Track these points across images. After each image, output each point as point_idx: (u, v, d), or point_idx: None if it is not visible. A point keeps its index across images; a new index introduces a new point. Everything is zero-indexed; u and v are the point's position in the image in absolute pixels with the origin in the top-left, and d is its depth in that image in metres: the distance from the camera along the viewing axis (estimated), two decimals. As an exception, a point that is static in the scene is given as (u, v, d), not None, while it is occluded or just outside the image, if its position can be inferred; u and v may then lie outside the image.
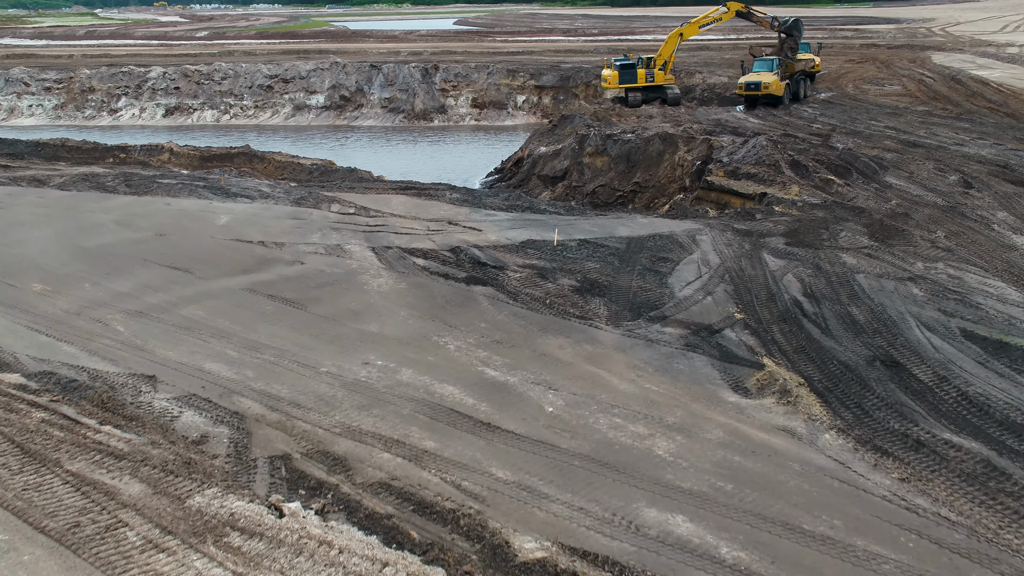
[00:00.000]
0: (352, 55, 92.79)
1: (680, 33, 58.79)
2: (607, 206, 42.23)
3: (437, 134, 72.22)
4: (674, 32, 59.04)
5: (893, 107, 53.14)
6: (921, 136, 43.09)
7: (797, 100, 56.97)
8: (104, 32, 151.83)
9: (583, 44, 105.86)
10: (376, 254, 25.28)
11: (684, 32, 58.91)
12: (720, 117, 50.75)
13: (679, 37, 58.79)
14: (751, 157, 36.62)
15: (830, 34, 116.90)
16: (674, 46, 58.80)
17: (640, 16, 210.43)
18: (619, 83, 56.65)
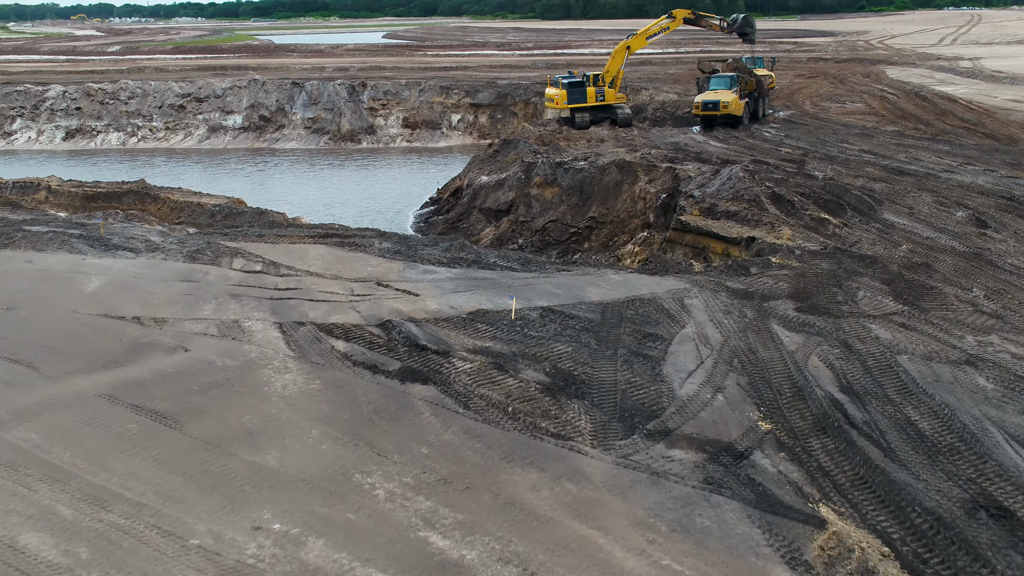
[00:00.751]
0: (273, 71, 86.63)
1: (627, 46, 54.18)
2: (560, 244, 37.16)
3: (366, 157, 66.57)
4: (621, 45, 54.39)
5: (860, 127, 49.13)
6: (903, 161, 38.90)
7: (756, 119, 52.75)
8: (7, 47, 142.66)
9: (519, 59, 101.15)
10: (284, 334, 19.71)
11: (632, 45, 54.31)
12: (678, 140, 46.12)
13: (626, 51, 54.18)
14: (727, 191, 31.83)
15: (770, 47, 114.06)
16: (622, 60, 54.18)
17: (573, 29, 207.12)
18: (567, 103, 51.68)
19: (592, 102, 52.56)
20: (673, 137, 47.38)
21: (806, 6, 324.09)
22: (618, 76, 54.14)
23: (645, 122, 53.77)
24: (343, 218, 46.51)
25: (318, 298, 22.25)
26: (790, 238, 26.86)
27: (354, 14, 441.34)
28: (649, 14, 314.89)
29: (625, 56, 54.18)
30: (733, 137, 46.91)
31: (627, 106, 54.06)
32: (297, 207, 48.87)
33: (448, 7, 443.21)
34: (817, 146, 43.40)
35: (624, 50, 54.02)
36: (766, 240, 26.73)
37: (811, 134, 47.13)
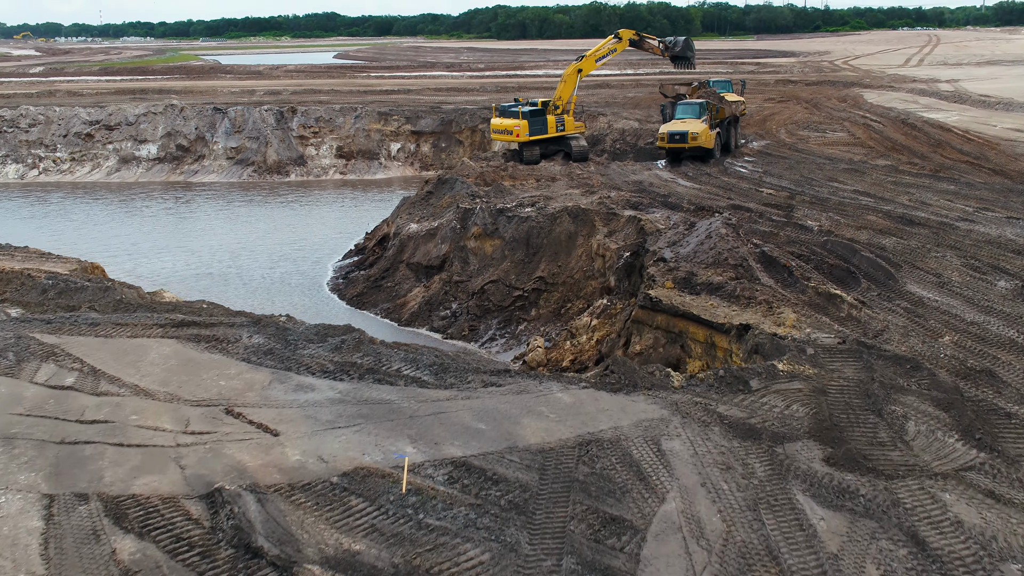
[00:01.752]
0: (199, 95, 79.25)
1: (579, 69, 47.91)
2: (501, 311, 30.40)
3: (293, 192, 59.47)
4: (571, 68, 48.08)
5: (848, 161, 43.08)
6: (907, 206, 32.74)
7: (727, 151, 46.60)
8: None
9: (468, 81, 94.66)
10: (47, 524, 12.73)
11: (583, 68, 48.07)
12: (642, 178, 39.71)
13: (578, 74, 47.88)
14: (706, 253, 25.31)
15: (732, 68, 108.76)
16: (574, 85, 47.85)
17: (528, 49, 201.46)
18: (530, 134, 45.07)
19: (553, 132, 46.16)
20: (636, 174, 40.95)
21: (761, 26, 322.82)
22: (571, 102, 47.79)
23: (603, 155, 47.37)
24: (248, 271, 39.45)
25: (132, 440, 15.27)
26: (795, 324, 20.32)
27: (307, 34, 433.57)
28: (605, 34, 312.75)
29: (577, 80, 47.86)
30: (705, 174, 40.59)
31: (583, 137, 47.62)
32: (193, 258, 41.72)
33: (403, 27, 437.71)
34: (803, 185, 37.18)
35: (575, 73, 47.74)
36: (764, 328, 20.15)
37: (793, 170, 40.95)
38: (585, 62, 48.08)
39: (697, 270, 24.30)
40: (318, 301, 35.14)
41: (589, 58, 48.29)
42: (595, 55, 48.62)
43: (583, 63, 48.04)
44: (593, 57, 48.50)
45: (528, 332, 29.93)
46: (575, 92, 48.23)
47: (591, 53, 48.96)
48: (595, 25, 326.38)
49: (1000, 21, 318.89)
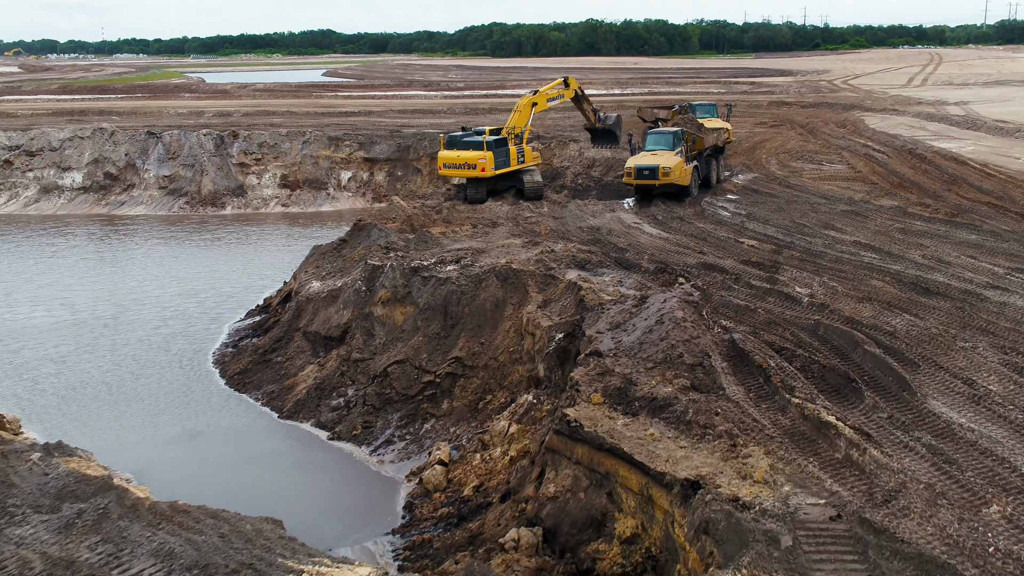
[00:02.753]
0: (144, 116, 72.95)
1: (533, 103, 42.01)
2: (406, 401, 23.89)
3: (226, 226, 52.97)
4: (526, 99, 42.11)
5: (847, 200, 36.60)
6: (921, 264, 26.24)
7: (707, 187, 40.23)
8: None
9: (441, 101, 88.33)
10: None
11: (537, 102, 42.34)
12: (600, 222, 33.25)
13: (532, 107, 41.87)
14: (655, 345, 18.77)
15: (726, 88, 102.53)
16: (528, 116, 41.68)
17: (518, 68, 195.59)
18: (496, 168, 38.68)
19: (515, 165, 39.91)
20: (596, 217, 34.45)
21: (760, 44, 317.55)
22: (525, 132, 41.44)
23: (563, 191, 40.82)
24: (127, 330, 33.02)
25: None
26: (767, 477, 13.73)
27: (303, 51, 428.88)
28: (601, 51, 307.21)
29: (531, 113, 41.76)
30: (677, 218, 34.09)
31: (538, 171, 41.13)
32: (66, 312, 35.13)
33: (398, 44, 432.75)
34: (793, 234, 30.67)
35: (530, 106, 41.87)
36: (722, 486, 13.53)
37: (782, 212, 34.45)
38: (539, 97, 42.61)
39: (639, 373, 17.71)
40: (194, 379, 28.51)
41: (542, 95, 42.98)
42: (545, 94, 43.21)
43: (537, 97, 42.45)
44: (545, 96, 42.99)
45: (435, 433, 23.28)
46: (529, 122, 41.99)
47: (544, 91, 43.72)
48: (591, 43, 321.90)
49: (1002, 39, 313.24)
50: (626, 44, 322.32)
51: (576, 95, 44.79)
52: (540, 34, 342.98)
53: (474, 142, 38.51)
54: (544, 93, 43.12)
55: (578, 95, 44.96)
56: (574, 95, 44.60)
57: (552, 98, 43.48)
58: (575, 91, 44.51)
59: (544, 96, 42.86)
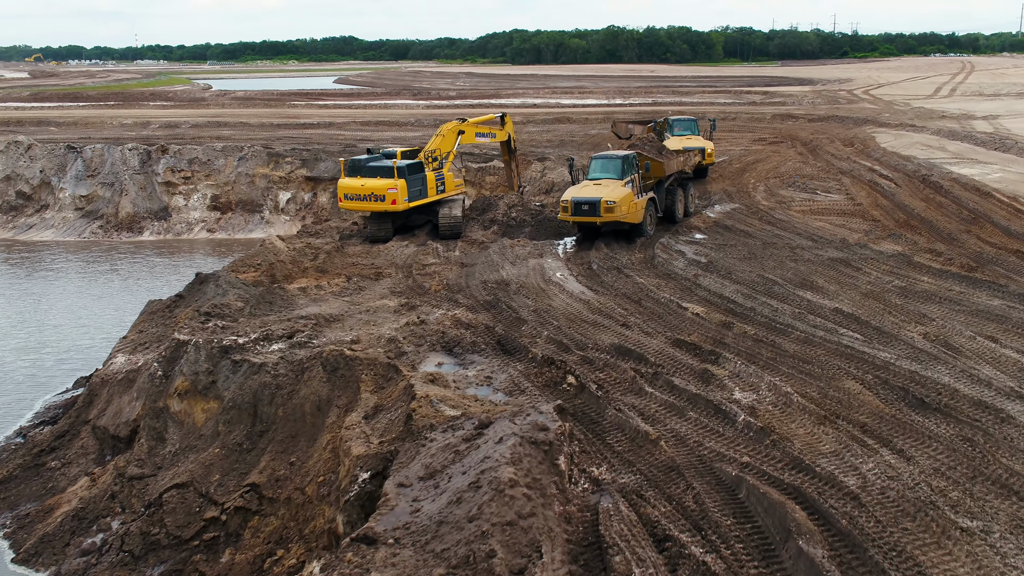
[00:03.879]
0: (86, 127, 66.59)
1: (460, 131, 34.97)
2: (177, 547, 16.62)
3: (135, 256, 46.22)
4: (452, 125, 35.28)
5: (839, 243, 29.16)
6: (922, 353, 18.85)
7: (672, 221, 32.91)
8: None
9: (416, 112, 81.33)
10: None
11: (465, 131, 35.30)
12: (514, 274, 26.06)
13: (458, 135, 34.86)
14: (456, 534, 11.50)
15: (735, 98, 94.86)
16: (453, 143, 34.61)
17: (529, 75, 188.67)
18: (410, 199, 31.34)
19: (434, 195, 32.74)
20: (514, 265, 27.22)
21: (786, 52, 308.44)
22: (448, 159, 34.34)
23: (492, 226, 33.52)
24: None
25: None
26: None
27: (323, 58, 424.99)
28: (623, 59, 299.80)
29: (457, 141, 34.69)
30: (616, 267, 26.76)
31: (461, 202, 33.84)
32: None
33: (419, 51, 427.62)
34: (757, 295, 23.31)
35: (456, 133, 34.81)
36: None
37: (753, 260, 27.08)
38: (468, 126, 35.75)
39: (405, 600, 10.45)
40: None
41: (471, 125, 36.13)
42: (476, 126, 36.37)
43: (466, 126, 35.49)
44: (474, 127, 36.05)
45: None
46: (455, 148, 34.90)
47: (474, 121, 36.98)
48: (611, 50, 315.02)
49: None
50: (648, 51, 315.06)
51: (508, 142, 38.05)
52: (560, 41, 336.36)
53: (383, 167, 31.24)
54: (474, 124, 36.28)
55: (510, 143, 38.22)
56: (506, 139, 37.81)
57: (482, 133, 36.62)
58: (508, 135, 37.72)
59: (473, 127, 35.96)
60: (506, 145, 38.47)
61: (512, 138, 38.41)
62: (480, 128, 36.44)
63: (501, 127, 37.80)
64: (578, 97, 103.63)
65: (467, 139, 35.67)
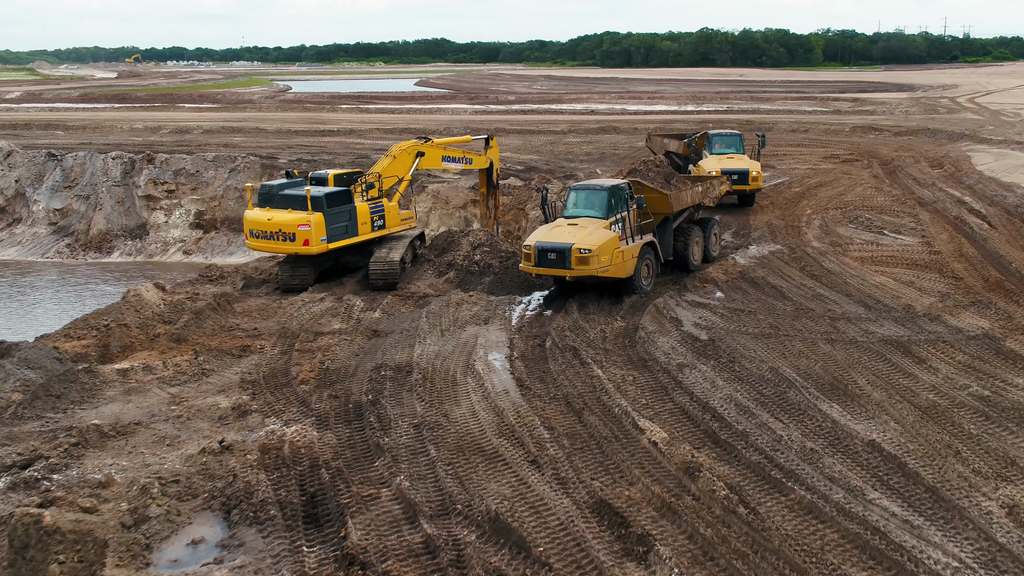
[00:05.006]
0: (94, 131, 61.86)
1: (420, 152, 27.84)
2: None
3: (101, 279, 40.48)
4: (408, 145, 28.55)
5: (900, 312, 21.16)
6: (1011, 548, 10.82)
7: (687, 269, 25.21)
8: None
9: (467, 118, 74.57)
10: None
11: (426, 153, 28.05)
12: (432, 351, 18.96)
13: (416, 158, 27.77)
14: None
15: (820, 105, 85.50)
16: (408, 167, 27.55)
17: (609, 79, 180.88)
18: (330, 239, 24.27)
19: (367, 233, 25.65)
20: (443, 337, 20.00)
21: (890, 56, 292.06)
22: (400, 186, 27.30)
23: (448, 273, 26.17)
24: None
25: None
26: None
27: (415, 60, 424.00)
28: (716, 62, 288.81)
29: (413, 165, 27.58)
30: (572, 347, 19.22)
31: (406, 243, 26.54)
32: None
33: (509, 54, 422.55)
34: (760, 401, 15.76)
35: (413, 156, 27.71)
36: None
37: (773, 337, 19.37)
38: (430, 148, 28.57)
39: None
40: None
41: (433, 147, 28.67)
42: (443, 148, 29.15)
43: (428, 148, 28.27)
44: (439, 149, 28.90)
45: None
46: (411, 173, 27.81)
47: (442, 142, 29.79)
48: (704, 53, 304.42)
49: None
50: (742, 55, 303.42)
51: (489, 171, 30.93)
52: (651, 44, 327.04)
53: (296, 197, 24.32)
54: (439, 145, 29.14)
55: (491, 173, 31.07)
56: (486, 167, 30.69)
57: (452, 158, 29.37)
58: (490, 162, 30.60)
59: (437, 149, 28.78)
60: (486, 175, 31.37)
61: (495, 168, 31.30)
62: (450, 151, 29.36)
63: (484, 151, 30.74)
64: (647, 103, 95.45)
65: (429, 163, 28.62)
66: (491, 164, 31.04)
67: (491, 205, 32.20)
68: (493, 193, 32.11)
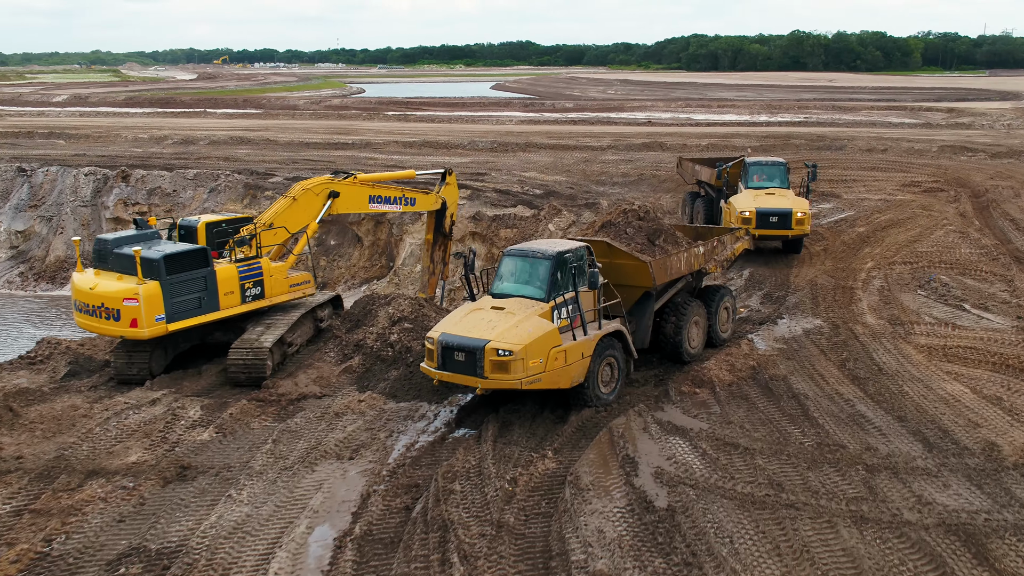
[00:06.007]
0: (95, 141, 57.20)
1: (332, 193, 21.39)
2: None
3: (51, 318, 35.14)
4: (322, 183, 21.59)
5: (981, 456, 13.75)
6: None
7: (680, 360, 18.06)
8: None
9: (511, 128, 68.00)
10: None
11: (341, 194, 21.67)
12: (248, 517, 11.97)
13: (328, 199, 21.28)
14: None
15: (909, 115, 76.44)
16: (314, 214, 21.11)
17: (687, 83, 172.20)
18: (172, 317, 17.93)
19: (231, 306, 19.07)
20: (280, 488, 13.38)
21: (996, 60, 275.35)
22: (301, 240, 20.93)
23: (353, 358, 19.45)
24: None
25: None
26: None
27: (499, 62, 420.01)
28: (807, 66, 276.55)
29: (322, 209, 20.95)
30: (442, 526, 12.39)
31: (298, 316, 19.94)
32: None
33: (593, 56, 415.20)
34: None
35: (324, 198, 21.22)
36: None
37: (763, 507, 12.27)
38: (347, 186, 21.64)
39: None
40: None
41: (353, 186, 22.01)
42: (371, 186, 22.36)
43: (345, 187, 21.49)
44: (366, 190, 22.25)
45: None
46: (318, 219, 21.17)
47: (370, 178, 23.09)
48: (795, 57, 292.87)
49: None
50: (835, 58, 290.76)
51: (441, 214, 24.28)
52: (739, 47, 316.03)
53: (127, 257, 17.98)
54: (364, 182, 22.30)
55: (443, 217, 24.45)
56: (437, 209, 24.04)
57: (384, 198, 22.59)
58: (441, 203, 23.95)
59: (359, 188, 22.04)
60: (435, 219, 24.68)
61: (449, 212, 24.61)
62: (382, 189, 22.64)
63: (439, 188, 24.12)
64: (716, 111, 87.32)
65: (349, 205, 21.97)
66: (443, 205, 24.38)
67: (436, 259, 25.47)
68: (443, 243, 25.41)
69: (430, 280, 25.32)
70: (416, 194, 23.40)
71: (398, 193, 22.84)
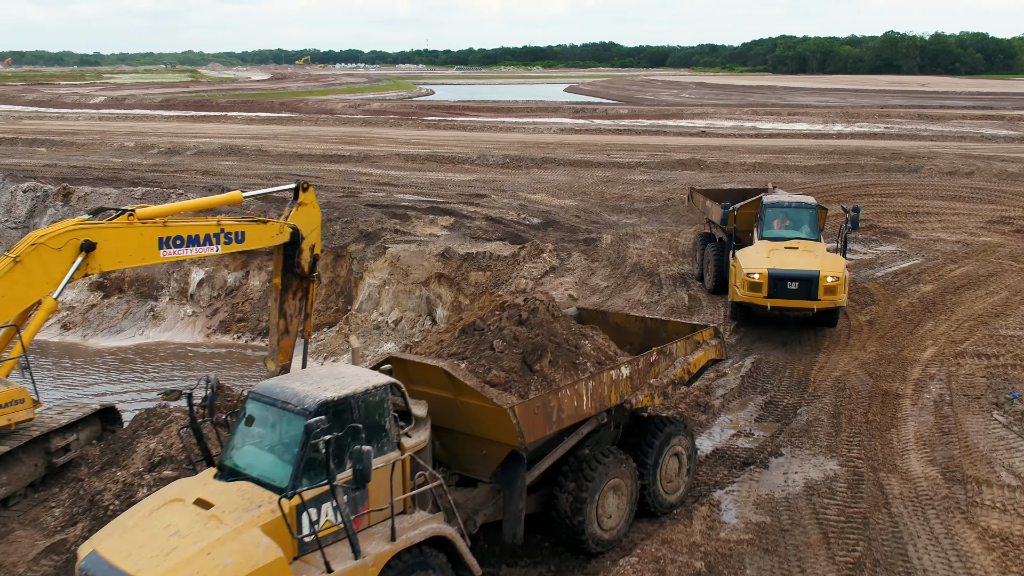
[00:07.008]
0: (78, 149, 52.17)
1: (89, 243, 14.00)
2: None
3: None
4: (63, 232, 14.00)
5: None
6: None
7: (583, 550, 10.66)
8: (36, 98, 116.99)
9: (545, 138, 60.99)
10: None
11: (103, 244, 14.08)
12: None
13: (80, 253, 14.02)
14: None
15: (1007, 126, 66.93)
16: (59, 275, 14.13)
17: (766, 87, 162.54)
18: None
19: None
20: None
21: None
22: (35, 319, 14.27)
23: (83, 518, 12.80)
24: None
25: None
26: None
27: (581, 64, 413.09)
28: (901, 69, 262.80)
29: (71, 268, 14.10)
30: None
31: None
32: None
33: (677, 58, 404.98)
34: None
35: (71, 253, 14.25)
36: None
37: None
38: (127, 236, 14.64)
39: None
40: None
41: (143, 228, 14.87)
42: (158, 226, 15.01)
43: (106, 233, 14.34)
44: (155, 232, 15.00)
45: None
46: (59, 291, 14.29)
47: (158, 211, 15.28)
48: (888, 59, 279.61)
49: None
50: (932, 61, 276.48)
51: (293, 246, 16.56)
52: (828, 49, 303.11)
53: None
54: (146, 221, 14.91)
55: (292, 251, 16.73)
56: (285, 241, 16.43)
57: (180, 239, 15.05)
58: (293, 232, 16.34)
59: (144, 231, 14.69)
60: (285, 255, 17.17)
61: (307, 244, 17.07)
62: (181, 228, 15.35)
63: (291, 208, 16.64)
64: (785, 119, 78.67)
65: (124, 258, 14.74)
66: (295, 235, 16.72)
67: (291, 311, 17.88)
68: (298, 289, 17.78)
69: (280, 342, 17.80)
70: (245, 225, 15.96)
71: (210, 229, 15.47)
